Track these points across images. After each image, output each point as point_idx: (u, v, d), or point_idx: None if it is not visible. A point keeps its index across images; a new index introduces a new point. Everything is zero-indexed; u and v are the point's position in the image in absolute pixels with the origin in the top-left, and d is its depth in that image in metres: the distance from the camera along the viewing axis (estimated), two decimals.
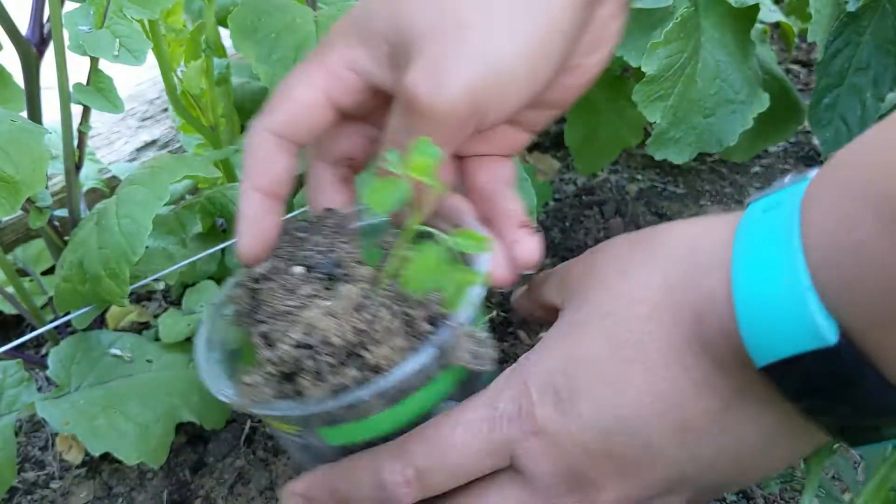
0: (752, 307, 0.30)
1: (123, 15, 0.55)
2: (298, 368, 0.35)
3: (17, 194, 0.51)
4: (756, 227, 0.31)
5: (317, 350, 0.35)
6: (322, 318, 0.35)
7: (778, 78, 0.86)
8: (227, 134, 0.79)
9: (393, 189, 0.32)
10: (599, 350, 0.34)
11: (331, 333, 0.35)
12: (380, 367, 0.35)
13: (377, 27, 0.37)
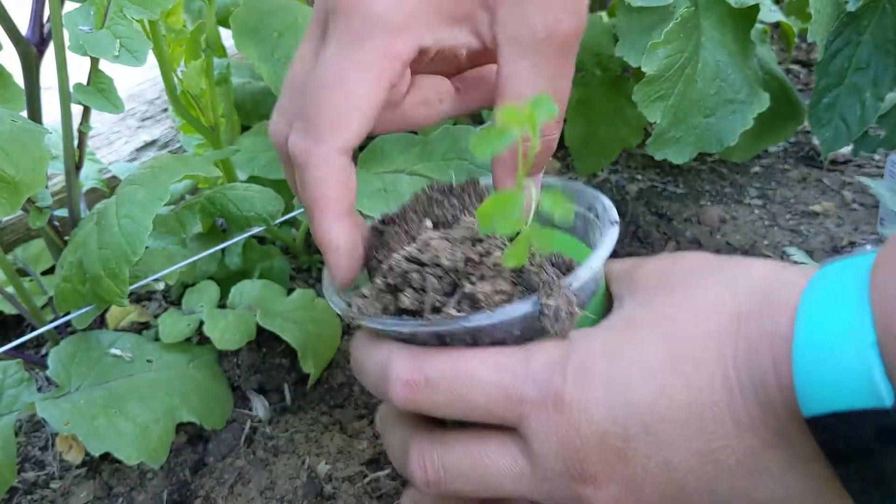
0: (811, 353, 0.29)
1: (123, 15, 0.55)
2: (405, 283, 0.35)
3: (18, 194, 0.51)
4: (828, 280, 0.31)
5: (426, 268, 0.35)
6: (437, 239, 0.36)
7: (778, 78, 0.86)
8: (227, 134, 0.79)
9: (499, 138, 0.31)
10: (651, 352, 0.33)
11: (442, 255, 0.35)
12: (477, 301, 0.34)
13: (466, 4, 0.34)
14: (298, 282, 0.83)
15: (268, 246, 0.81)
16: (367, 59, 0.33)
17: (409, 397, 0.35)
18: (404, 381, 0.35)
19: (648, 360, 0.33)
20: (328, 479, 0.59)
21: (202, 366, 0.66)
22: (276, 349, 0.73)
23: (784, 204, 0.96)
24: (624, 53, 0.69)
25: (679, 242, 0.87)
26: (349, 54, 0.33)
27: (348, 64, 0.33)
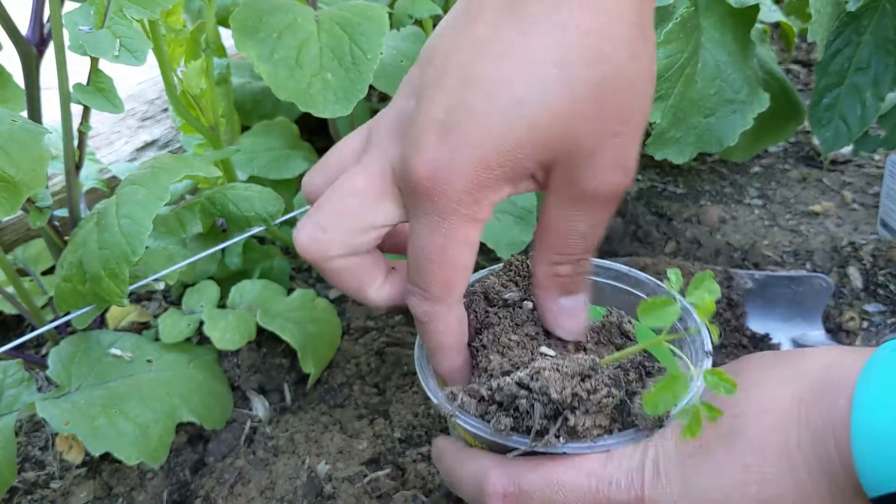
0: (869, 436, 0.31)
1: (123, 15, 0.55)
2: (511, 404, 0.39)
3: (18, 194, 0.51)
4: (884, 361, 0.33)
5: (535, 395, 0.39)
6: (548, 370, 0.39)
7: (778, 78, 0.86)
8: (227, 134, 0.79)
9: (667, 309, 0.36)
10: (720, 452, 0.36)
11: (552, 388, 0.38)
12: (577, 432, 0.39)
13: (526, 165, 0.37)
14: (298, 282, 0.83)
15: (268, 246, 0.81)
16: (459, 233, 0.38)
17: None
18: (501, 494, 0.39)
19: (717, 461, 0.36)
20: (328, 479, 0.59)
21: (202, 366, 0.66)
22: (276, 349, 0.73)
23: (784, 204, 0.96)
24: None
25: (679, 242, 0.87)
26: (442, 229, 0.38)
27: (444, 239, 0.38)
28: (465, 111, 0.36)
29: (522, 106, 0.35)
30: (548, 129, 0.35)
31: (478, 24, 0.36)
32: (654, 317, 0.37)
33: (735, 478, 0.35)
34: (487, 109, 0.35)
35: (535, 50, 0.35)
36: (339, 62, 0.60)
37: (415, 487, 0.58)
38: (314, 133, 1.03)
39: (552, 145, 0.36)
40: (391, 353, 0.72)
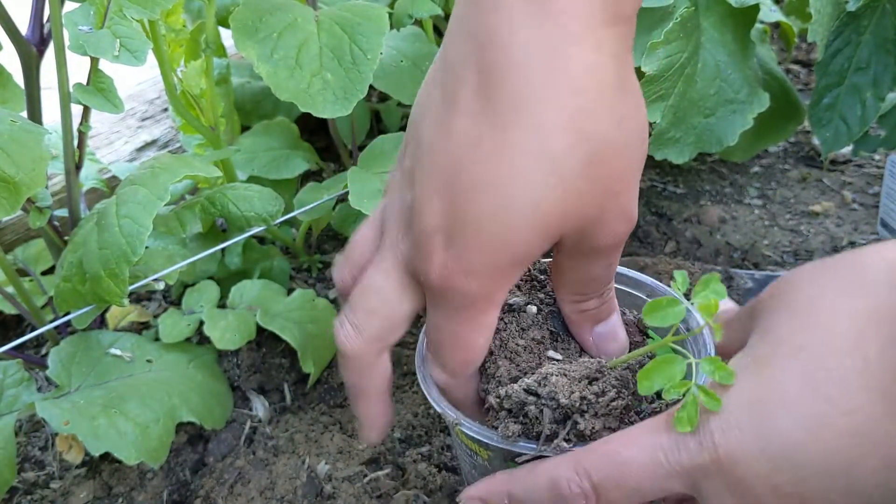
0: None
1: (124, 15, 0.55)
2: (520, 411, 0.40)
3: (18, 194, 0.51)
4: None
5: (544, 401, 0.39)
6: (556, 376, 0.40)
7: (778, 78, 0.86)
8: (227, 134, 0.79)
9: (672, 310, 0.36)
10: (795, 389, 0.33)
11: (560, 393, 0.39)
12: (585, 436, 0.39)
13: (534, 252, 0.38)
14: (298, 282, 0.83)
15: (268, 246, 0.81)
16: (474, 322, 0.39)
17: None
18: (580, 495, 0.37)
19: (794, 400, 0.33)
20: (328, 478, 0.59)
21: (202, 366, 0.66)
22: (276, 349, 0.73)
23: (784, 204, 0.96)
24: None
25: (679, 242, 0.87)
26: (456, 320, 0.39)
27: (459, 328, 0.40)
28: (463, 218, 0.36)
29: (519, 207, 0.35)
30: (547, 220, 0.36)
31: (457, 116, 0.36)
32: (658, 316, 0.36)
33: (817, 414, 0.32)
34: (484, 215, 0.35)
35: (518, 147, 0.34)
36: (339, 62, 0.60)
37: (416, 487, 0.58)
38: (314, 133, 1.03)
39: (555, 230, 0.36)
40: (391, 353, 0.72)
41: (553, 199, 0.35)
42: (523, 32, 0.33)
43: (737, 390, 0.34)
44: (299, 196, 0.76)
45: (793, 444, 0.32)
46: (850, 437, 0.31)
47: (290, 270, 0.81)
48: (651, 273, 0.73)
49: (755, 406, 0.33)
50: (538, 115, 0.34)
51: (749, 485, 0.33)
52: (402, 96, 0.73)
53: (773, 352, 0.35)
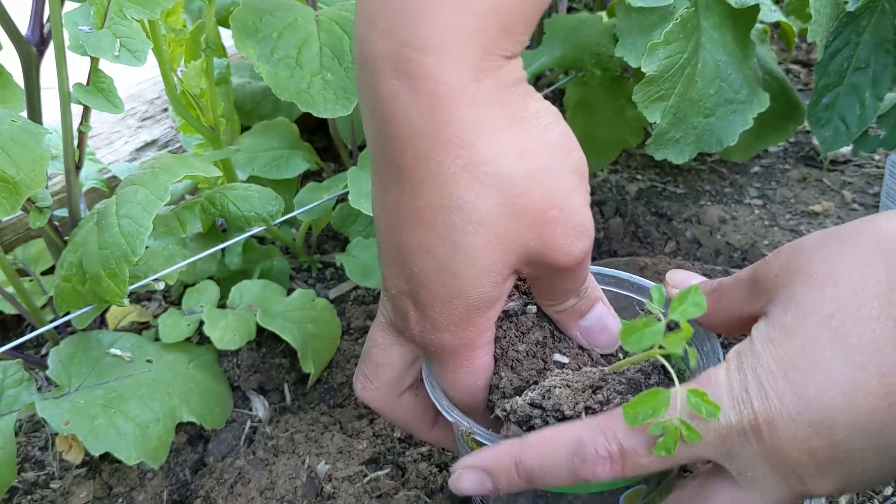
0: None
1: (124, 15, 0.55)
2: (526, 423, 0.40)
3: (18, 194, 0.51)
4: None
5: (547, 413, 0.40)
6: (559, 388, 0.40)
7: (778, 78, 0.86)
8: (227, 134, 0.79)
9: (649, 331, 0.35)
10: (828, 356, 0.34)
11: (564, 405, 0.40)
12: None
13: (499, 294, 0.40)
14: (298, 282, 0.83)
15: (268, 246, 0.81)
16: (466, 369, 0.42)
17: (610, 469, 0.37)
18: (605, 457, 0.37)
19: (827, 365, 0.34)
20: (328, 478, 0.59)
21: (202, 366, 0.66)
22: (276, 349, 0.73)
23: (784, 204, 0.96)
24: (624, 54, 0.69)
25: (679, 242, 0.87)
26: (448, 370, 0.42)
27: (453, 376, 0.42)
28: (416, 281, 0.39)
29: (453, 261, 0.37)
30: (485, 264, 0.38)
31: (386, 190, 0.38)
32: (635, 340, 0.36)
33: (853, 378, 0.33)
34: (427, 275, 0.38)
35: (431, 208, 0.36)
36: (339, 62, 0.60)
37: (416, 487, 0.58)
38: (314, 133, 1.03)
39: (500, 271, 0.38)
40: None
41: (481, 246, 0.37)
42: (404, 104, 0.35)
43: (769, 359, 0.35)
44: (299, 196, 0.76)
45: (830, 408, 0.33)
46: (884, 399, 0.33)
47: (290, 270, 0.81)
48: (651, 273, 0.73)
49: (790, 373, 0.34)
50: (438, 175, 0.36)
51: (786, 451, 0.34)
52: None
53: (802, 321, 0.35)
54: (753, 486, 0.36)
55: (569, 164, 0.38)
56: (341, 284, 0.82)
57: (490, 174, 0.36)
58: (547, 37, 0.88)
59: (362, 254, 0.78)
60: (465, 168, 0.35)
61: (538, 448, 0.38)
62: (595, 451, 0.36)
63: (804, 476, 0.35)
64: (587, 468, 0.36)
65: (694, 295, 0.36)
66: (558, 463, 0.37)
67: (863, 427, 0.33)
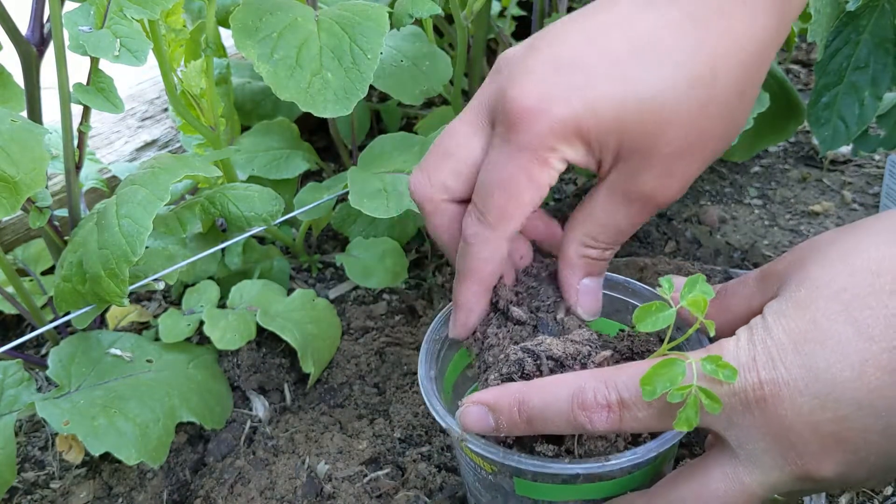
0: None
1: (123, 15, 0.55)
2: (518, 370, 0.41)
3: (18, 194, 0.51)
4: None
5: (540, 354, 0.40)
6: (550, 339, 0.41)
7: (778, 78, 0.86)
8: (227, 134, 0.79)
9: (661, 314, 0.36)
10: (838, 329, 0.34)
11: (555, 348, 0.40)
12: (591, 452, 0.40)
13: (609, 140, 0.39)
14: (298, 282, 0.83)
15: (268, 246, 0.81)
16: (533, 168, 0.39)
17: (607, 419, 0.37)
18: (604, 406, 0.37)
19: (838, 338, 0.34)
20: (328, 478, 0.59)
21: (202, 366, 0.66)
22: (276, 349, 0.73)
23: (784, 204, 0.96)
24: None
25: (679, 242, 0.87)
26: (517, 161, 0.39)
27: (517, 170, 0.39)
28: (584, 67, 0.38)
29: (636, 86, 0.37)
30: (649, 118, 0.38)
31: (617, 6, 0.39)
32: (649, 322, 0.37)
33: (863, 352, 0.33)
34: (604, 74, 0.38)
35: (667, 44, 0.37)
36: (339, 62, 0.60)
37: (416, 488, 0.58)
38: (314, 133, 1.03)
39: (643, 135, 0.38)
40: (391, 353, 0.72)
41: (666, 104, 0.38)
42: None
43: (780, 331, 0.35)
44: (299, 196, 0.76)
45: (838, 381, 0.33)
46: (893, 374, 0.33)
47: (290, 270, 0.81)
48: (651, 273, 0.73)
49: (800, 345, 0.34)
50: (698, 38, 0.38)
51: (789, 423, 0.34)
52: (402, 96, 0.73)
53: (814, 295, 0.35)
54: (752, 461, 0.36)
55: (733, 136, 0.41)
56: (341, 284, 0.82)
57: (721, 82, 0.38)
58: None
59: (362, 254, 0.78)
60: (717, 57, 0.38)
61: (541, 391, 0.38)
62: (594, 397, 0.37)
63: (806, 454, 0.34)
64: (585, 415, 0.37)
65: (701, 283, 0.37)
66: (559, 406, 0.38)
67: (870, 403, 0.33)
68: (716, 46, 0.37)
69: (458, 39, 0.76)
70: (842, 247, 0.36)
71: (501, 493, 0.44)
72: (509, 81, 0.40)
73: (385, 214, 0.60)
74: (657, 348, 0.43)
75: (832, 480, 0.35)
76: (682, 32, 0.38)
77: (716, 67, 0.37)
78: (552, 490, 0.42)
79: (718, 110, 0.38)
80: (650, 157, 0.39)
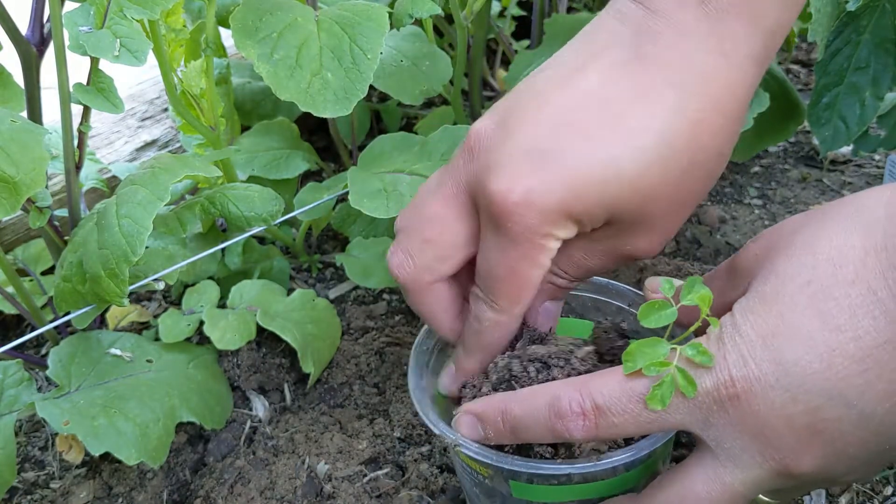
0: None
1: (123, 15, 0.55)
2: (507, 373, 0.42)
3: (18, 194, 0.51)
4: None
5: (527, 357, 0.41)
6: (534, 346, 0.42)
7: (778, 78, 0.86)
8: (227, 134, 0.79)
9: (664, 312, 0.37)
10: (805, 321, 0.34)
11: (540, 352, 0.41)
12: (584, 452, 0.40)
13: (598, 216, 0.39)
14: (298, 282, 0.83)
15: (268, 246, 0.81)
16: (532, 254, 0.39)
17: (584, 427, 0.37)
18: (579, 414, 0.37)
19: (805, 331, 0.34)
20: (328, 478, 0.59)
21: (202, 366, 0.66)
22: (276, 349, 0.73)
23: (784, 204, 0.96)
24: None
25: (679, 242, 0.87)
26: (515, 251, 0.39)
27: (517, 258, 0.40)
28: (563, 152, 0.37)
29: (618, 164, 0.37)
30: (634, 195, 0.38)
31: (588, 74, 0.38)
32: (654, 318, 0.37)
33: (830, 342, 0.33)
34: (586, 161, 0.37)
35: (645, 119, 0.37)
36: (339, 62, 0.60)
37: (416, 488, 0.58)
38: (314, 133, 1.03)
39: (628, 206, 0.38)
40: (391, 352, 0.72)
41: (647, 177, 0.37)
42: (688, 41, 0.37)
43: (748, 327, 0.35)
44: (299, 196, 0.76)
45: (808, 373, 0.33)
46: (860, 363, 0.33)
47: (290, 270, 0.81)
48: (650, 273, 0.73)
49: (769, 339, 0.34)
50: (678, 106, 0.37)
51: (763, 419, 0.34)
52: (402, 96, 0.73)
53: (780, 289, 0.35)
54: (732, 460, 0.36)
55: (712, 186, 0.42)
56: (341, 284, 0.82)
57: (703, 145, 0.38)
58: (547, 37, 0.88)
59: (362, 254, 0.78)
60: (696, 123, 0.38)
61: (521, 402, 0.39)
62: (569, 406, 0.37)
63: (782, 448, 0.34)
64: (561, 423, 0.37)
65: (699, 284, 0.37)
66: (538, 416, 0.38)
67: (840, 393, 0.33)
68: (696, 111, 0.37)
69: (458, 39, 0.76)
70: (806, 236, 0.36)
71: (499, 498, 0.44)
72: (487, 173, 0.39)
73: (385, 214, 0.60)
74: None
75: (814, 475, 0.35)
76: (660, 100, 0.37)
77: (697, 133, 0.37)
78: (549, 492, 0.42)
79: (701, 172, 0.39)
80: (635, 224, 0.39)
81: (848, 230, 0.35)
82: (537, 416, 0.38)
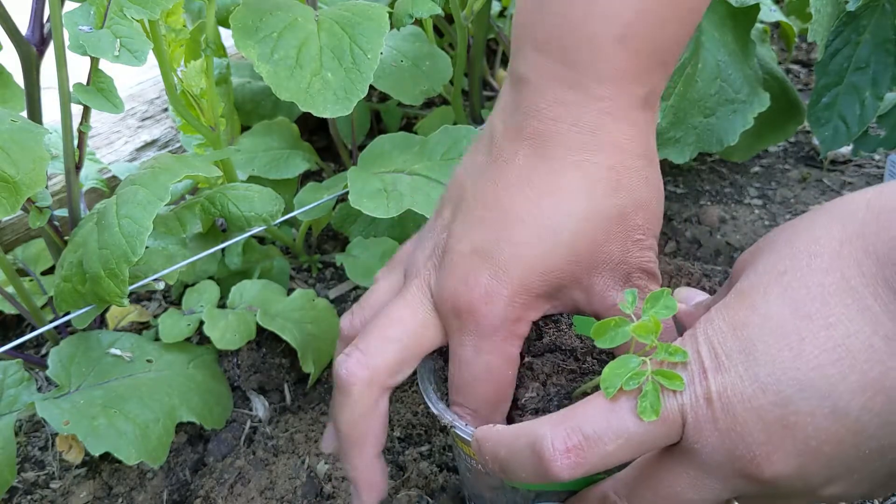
0: None
1: (124, 15, 0.55)
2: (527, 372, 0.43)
3: (17, 194, 0.51)
4: None
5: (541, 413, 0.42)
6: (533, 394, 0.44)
7: (778, 78, 0.86)
8: (227, 134, 0.79)
9: (620, 330, 0.36)
10: (776, 310, 0.33)
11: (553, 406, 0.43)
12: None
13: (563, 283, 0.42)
14: (298, 282, 0.83)
15: (268, 246, 0.81)
16: (503, 351, 0.42)
17: (569, 464, 0.34)
18: (562, 451, 0.34)
19: (776, 319, 0.33)
20: (328, 478, 0.59)
21: (202, 366, 0.66)
22: (276, 349, 0.73)
23: (784, 204, 0.96)
24: None
25: (679, 242, 0.87)
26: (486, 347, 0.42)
27: (490, 357, 0.42)
28: (506, 242, 0.41)
29: (559, 234, 0.40)
30: (581, 251, 0.41)
31: (509, 169, 0.42)
32: (607, 338, 0.35)
33: (801, 330, 0.32)
34: (526, 240, 0.41)
35: (566, 186, 0.41)
36: (339, 62, 0.60)
37: (416, 487, 0.58)
38: (314, 133, 1.03)
39: (585, 263, 0.41)
40: None
41: (588, 232, 0.41)
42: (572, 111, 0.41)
43: (720, 320, 0.35)
44: (299, 196, 0.76)
45: (778, 362, 0.32)
46: (831, 352, 0.31)
47: (290, 270, 0.81)
48: None
49: (739, 330, 0.34)
50: (586, 164, 0.41)
51: (734, 412, 0.33)
52: (402, 96, 0.73)
53: (756, 282, 0.35)
54: (704, 460, 0.34)
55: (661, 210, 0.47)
56: (341, 284, 0.82)
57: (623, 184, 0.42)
58: None
59: (362, 254, 0.78)
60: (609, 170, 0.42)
61: (507, 446, 0.37)
62: (552, 445, 0.34)
63: (753, 445, 0.32)
64: (545, 466, 0.34)
65: (665, 298, 0.36)
66: (523, 461, 0.36)
67: (812, 384, 0.31)
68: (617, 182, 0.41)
69: (458, 39, 0.76)
70: (788, 233, 0.36)
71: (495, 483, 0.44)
72: (439, 279, 0.42)
73: (385, 214, 0.60)
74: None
75: (789, 480, 0.33)
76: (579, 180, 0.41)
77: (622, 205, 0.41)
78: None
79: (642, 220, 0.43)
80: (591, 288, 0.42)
81: (827, 224, 0.34)
82: (523, 461, 0.36)
